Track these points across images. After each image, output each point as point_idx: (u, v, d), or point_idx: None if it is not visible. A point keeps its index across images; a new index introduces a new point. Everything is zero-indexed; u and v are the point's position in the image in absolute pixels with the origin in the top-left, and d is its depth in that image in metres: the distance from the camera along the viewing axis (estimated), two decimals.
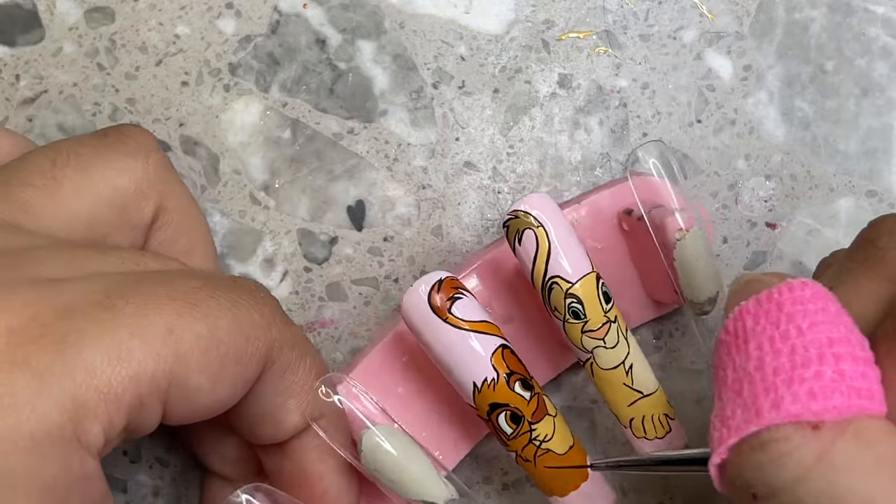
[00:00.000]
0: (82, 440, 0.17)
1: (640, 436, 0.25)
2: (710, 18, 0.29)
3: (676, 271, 0.24)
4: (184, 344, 0.18)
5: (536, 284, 0.23)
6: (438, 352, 0.23)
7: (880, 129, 0.30)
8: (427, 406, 0.26)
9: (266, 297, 0.21)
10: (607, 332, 0.24)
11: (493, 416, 0.23)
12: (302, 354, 0.21)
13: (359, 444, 0.22)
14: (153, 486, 0.29)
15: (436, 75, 0.28)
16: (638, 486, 0.30)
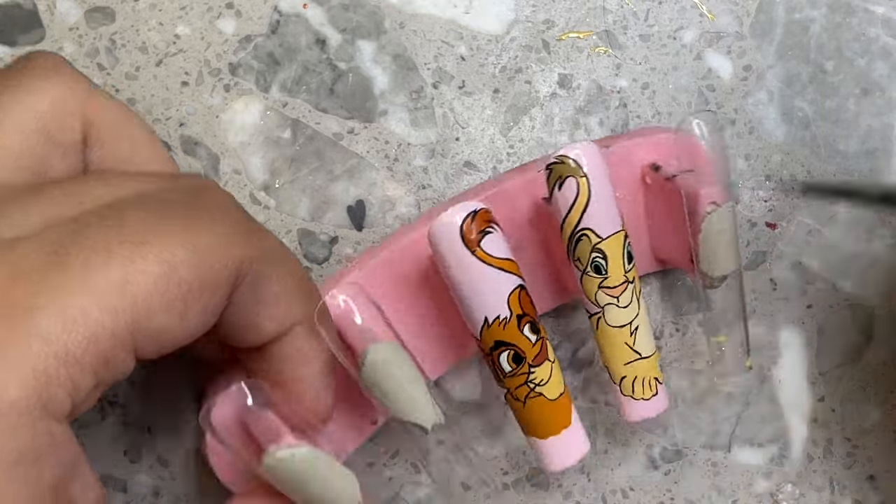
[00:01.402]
0: (49, 408, 0.17)
1: (628, 394, 0.25)
2: (710, 18, 0.29)
3: (698, 242, 0.24)
4: (141, 292, 0.18)
5: (565, 232, 0.24)
6: (458, 281, 0.23)
7: (880, 129, 0.30)
8: (415, 323, 0.26)
9: (223, 208, 0.20)
10: (623, 291, 0.24)
11: (496, 353, 0.24)
12: (273, 263, 0.21)
13: (362, 357, 0.22)
14: (153, 486, 0.29)
15: (436, 75, 0.28)
16: (638, 486, 0.30)
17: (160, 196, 0.20)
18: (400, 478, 0.30)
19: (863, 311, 0.30)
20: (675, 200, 0.25)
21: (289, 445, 0.21)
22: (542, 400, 0.24)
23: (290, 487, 0.21)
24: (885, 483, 0.31)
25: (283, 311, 0.21)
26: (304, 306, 0.22)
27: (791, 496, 0.31)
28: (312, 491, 0.21)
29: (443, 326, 0.26)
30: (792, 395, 0.31)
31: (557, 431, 0.24)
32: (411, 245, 0.25)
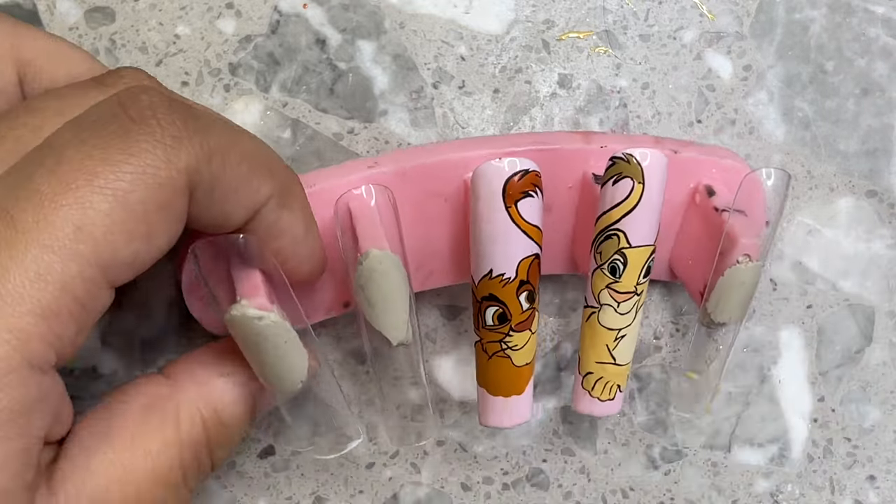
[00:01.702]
0: (33, 363, 0.17)
1: (587, 388, 0.25)
2: (710, 18, 0.29)
3: (716, 282, 0.24)
4: (98, 230, 0.18)
5: (600, 224, 0.24)
6: (482, 225, 0.23)
7: (880, 129, 0.30)
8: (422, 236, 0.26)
9: (157, 108, 0.19)
10: (627, 299, 0.24)
11: (485, 304, 0.24)
12: (224, 154, 0.20)
13: (362, 256, 0.22)
14: None
15: (436, 75, 0.28)
16: (638, 486, 0.30)
17: (91, 118, 0.19)
18: (400, 478, 0.30)
19: (863, 311, 0.30)
20: (713, 231, 0.25)
21: (259, 307, 0.21)
22: (507, 362, 0.24)
23: (246, 346, 0.21)
24: (885, 483, 0.31)
25: (247, 195, 0.21)
26: (268, 184, 0.21)
27: (791, 496, 0.31)
28: (265, 357, 0.21)
29: (448, 249, 0.26)
30: (792, 395, 0.31)
31: (507, 394, 0.25)
32: (450, 164, 0.25)
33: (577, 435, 0.30)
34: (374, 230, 0.23)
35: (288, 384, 0.22)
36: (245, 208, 0.21)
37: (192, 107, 0.20)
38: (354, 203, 0.23)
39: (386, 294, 0.22)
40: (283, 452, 0.29)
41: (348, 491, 0.30)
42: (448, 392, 0.29)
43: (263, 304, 0.21)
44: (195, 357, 0.24)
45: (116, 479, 0.21)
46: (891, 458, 0.31)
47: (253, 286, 0.22)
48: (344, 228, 0.23)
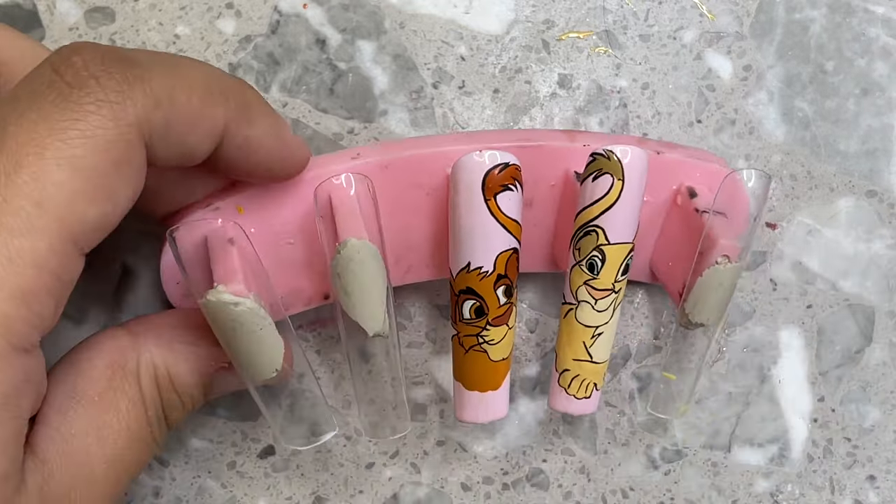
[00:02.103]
0: (16, 345, 0.17)
1: (563, 385, 0.25)
2: (710, 18, 0.29)
3: (694, 283, 0.24)
4: (61, 203, 0.17)
5: (579, 220, 0.24)
6: (460, 218, 0.23)
7: (880, 129, 0.30)
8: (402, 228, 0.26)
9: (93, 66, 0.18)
10: (605, 296, 0.24)
11: (462, 297, 0.24)
12: (170, 93, 0.19)
13: (340, 246, 0.22)
14: (153, 486, 0.29)
15: (436, 75, 0.28)
16: (638, 486, 0.30)
17: (27, 89, 0.18)
18: (400, 478, 0.30)
19: (863, 311, 0.30)
20: (693, 233, 0.25)
21: (236, 293, 0.21)
22: (483, 357, 0.24)
23: (221, 331, 0.21)
24: (884, 483, 0.31)
25: (204, 127, 0.20)
26: (222, 108, 0.20)
27: (791, 496, 0.31)
28: (239, 343, 0.21)
29: (428, 243, 0.26)
30: (792, 395, 0.31)
31: (483, 389, 0.25)
32: (433, 157, 0.25)
33: (577, 435, 0.30)
34: (353, 219, 0.23)
35: (262, 372, 0.22)
36: (207, 138, 0.20)
37: (128, 55, 0.19)
38: (334, 192, 0.23)
39: (363, 284, 0.22)
40: (283, 452, 0.29)
41: (348, 491, 0.30)
42: (448, 392, 0.29)
43: (240, 291, 0.21)
44: (162, 318, 0.24)
45: (95, 439, 0.21)
46: (891, 458, 0.31)
47: (230, 272, 0.21)
48: (323, 216, 0.23)
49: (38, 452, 0.20)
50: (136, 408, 0.22)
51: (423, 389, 0.29)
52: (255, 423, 0.29)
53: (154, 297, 0.28)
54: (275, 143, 0.22)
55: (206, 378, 0.23)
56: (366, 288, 0.22)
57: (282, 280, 0.25)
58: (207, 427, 0.29)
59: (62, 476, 0.20)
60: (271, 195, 0.24)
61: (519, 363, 0.30)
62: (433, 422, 0.30)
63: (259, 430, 0.29)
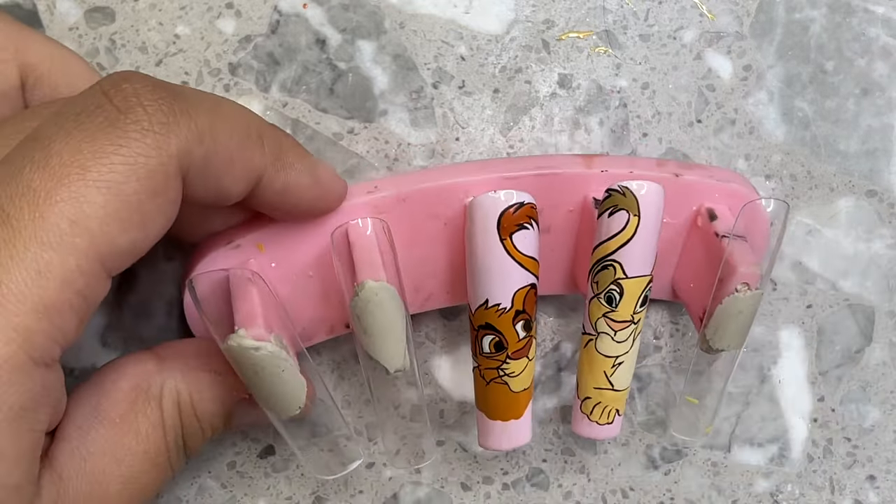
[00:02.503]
0: (36, 358, 0.18)
1: (586, 412, 0.25)
2: (710, 18, 0.29)
3: (714, 309, 0.24)
4: (94, 223, 0.18)
5: (596, 254, 0.24)
6: (477, 257, 0.23)
7: (880, 129, 0.30)
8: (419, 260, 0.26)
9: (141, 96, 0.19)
10: (624, 328, 0.24)
11: (481, 333, 0.24)
12: (213, 133, 0.20)
13: (358, 288, 0.22)
14: None
15: (436, 75, 0.28)
16: (638, 486, 0.30)
17: (76, 110, 0.19)
18: (400, 478, 0.30)
19: (863, 311, 0.30)
20: (714, 256, 0.25)
21: (256, 337, 0.21)
22: (504, 389, 0.24)
23: (243, 373, 0.22)
24: (884, 483, 0.31)
25: (242, 168, 0.20)
26: (260, 152, 0.21)
27: (791, 496, 0.31)
28: (262, 384, 0.22)
29: (447, 271, 0.26)
30: (792, 395, 0.31)
31: (505, 419, 0.25)
32: (449, 189, 0.25)
33: (577, 435, 0.30)
34: (371, 259, 0.23)
35: (285, 410, 0.22)
36: (243, 180, 0.21)
37: (176, 89, 0.20)
38: (351, 233, 0.23)
39: (382, 324, 0.23)
40: (283, 452, 0.29)
41: (348, 491, 0.30)
42: (448, 392, 0.29)
43: (260, 335, 0.21)
44: (189, 344, 0.24)
45: (112, 459, 0.21)
46: (891, 458, 0.31)
47: (250, 315, 0.22)
48: (341, 257, 0.23)
49: (55, 467, 0.20)
50: (155, 432, 0.22)
51: (423, 390, 0.29)
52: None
53: (154, 297, 0.28)
54: (311, 184, 0.22)
55: (229, 407, 0.24)
56: (385, 328, 0.23)
57: (304, 310, 0.25)
58: None
59: (76, 493, 0.20)
60: (290, 231, 0.24)
61: None
62: (433, 422, 0.30)
63: (259, 430, 0.29)
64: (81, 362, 0.28)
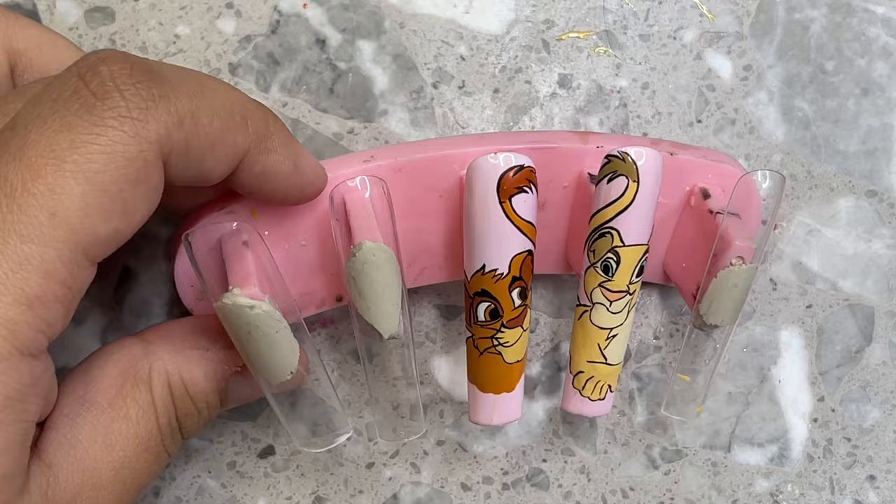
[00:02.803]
0: (22, 349, 0.18)
1: (577, 387, 0.25)
2: (710, 18, 0.29)
3: (709, 284, 0.24)
4: (74, 215, 0.17)
5: (594, 222, 0.24)
6: (475, 221, 0.23)
7: (880, 129, 0.30)
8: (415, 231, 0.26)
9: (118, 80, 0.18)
10: (619, 298, 0.24)
11: (477, 300, 0.24)
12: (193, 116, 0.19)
13: (355, 248, 0.22)
14: (153, 486, 0.29)
15: (436, 75, 0.28)
16: (638, 486, 0.30)
17: (52, 96, 0.18)
18: (400, 478, 0.30)
19: (863, 310, 0.30)
20: (707, 234, 0.25)
21: (251, 297, 0.21)
22: (498, 359, 0.24)
23: (236, 334, 0.21)
24: (884, 483, 0.31)
25: (224, 150, 0.20)
26: (243, 134, 0.20)
27: (791, 496, 0.31)
28: (254, 346, 0.21)
29: (441, 245, 0.26)
30: (792, 395, 0.31)
31: (497, 392, 0.25)
32: (446, 160, 0.25)
33: (577, 435, 0.30)
34: (368, 222, 0.23)
35: (277, 375, 0.22)
36: (224, 163, 0.20)
37: (156, 70, 0.19)
38: (349, 194, 0.23)
39: (378, 286, 0.22)
40: (283, 452, 0.29)
41: (348, 491, 0.30)
42: (448, 392, 0.29)
43: (255, 294, 0.21)
44: (175, 325, 0.24)
45: (103, 446, 0.21)
46: (891, 458, 0.31)
47: (245, 275, 0.21)
48: (338, 219, 0.23)
49: (44, 457, 0.20)
50: (146, 416, 0.22)
51: (423, 389, 0.29)
52: (254, 423, 0.29)
53: (154, 297, 0.28)
54: (290, 172, 0.22)
55: (222, 383, 0.23)
56: (380, 290, 0.22)
57: (294, 282, 0.25)
58: (207, 427, 0.29)
59: (68, 481, 0.20)
60: None
61: None
62: (433, 422, 0.30)
63: (259, 429, 0.29)
64: None
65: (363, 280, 0.22)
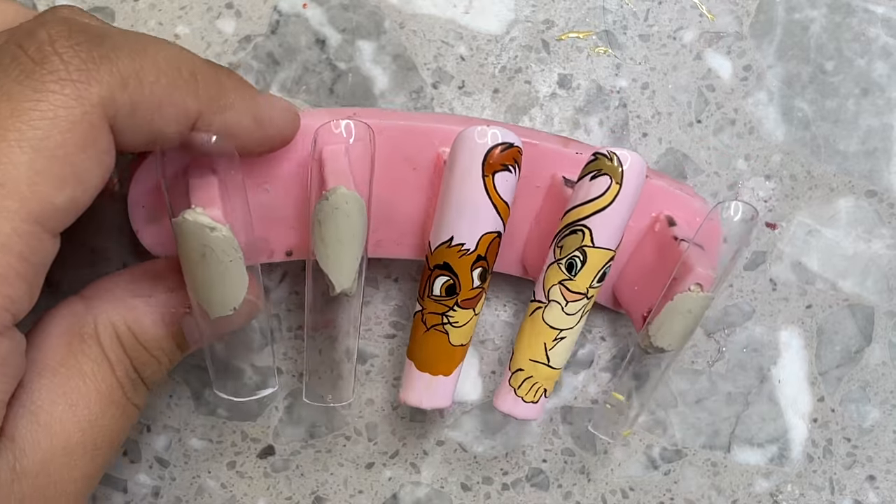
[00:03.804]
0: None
1: (514, 385, 0.25)
2: (709, 18, 0.29)
3: (662, 307, 0.24)
4: (21, 185, 0.17)
5: (568, 217, 0.23)
6: (452, 192, 0.23)
7: (880, 129, 0.30)
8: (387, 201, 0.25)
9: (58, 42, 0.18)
10: (577, 300, 0.24)
11: (435, 273, 0.23)
12: (138, 76, 0.18)
13: (329, 192, 0.21)
14: (153, 486, 0.29)
15: (436, 75, 0.28)
16: (638, 486, 0.30)
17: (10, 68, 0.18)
18: (400, 478, 0.30)
19: (862, 311, 0.30)
20: (667, 259, 0.25)
21: (214, 218, 0.20)
22: (443, 339, 0.24)
23: (188, 255, 0.21)
24: (884, 483, 0.31)
25: (173, 110, 0.19)
26: (193, 95, 0.20)
27: (791, 496, 0.31)
28: (204, 272, 0.21)
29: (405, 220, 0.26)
30: (792, 395, 0.31)
31: (434, 372, 0.25)
32: (428, 132, 0.25)
33: (577, 435, 0.30)
34: (344, 170, 0.22)
35: (221, 306, 0.21)
36: (175, 122, 0.20)
37: (97, 31, 0.19)
38: (331, 138, 0.22)
39: (342, 235, 0.22)
40: (283, 452, 0.29)
41: (348, 491, 0.30)
42: None
43: (217, 217, 0.20)
44: (113, 277, 0.23)
45: (65, 406, 0.20)
46: (891, 458, 0.31)
47: (209, 198, 0.21)
48: (316, 159, 0.22)
49: (5, 432, 0.19)
50: (101, 370, 0.21)
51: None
52: (255, 423, 0.29)
53: None
54: (252, 126, 0.21)
55: (174, 328, 0.23)
56: (344, 240, 0.22)
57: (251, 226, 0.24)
58: (207, 427, 0.29)
59: (35, 451, 0.20)
60: None
61: None
62: (433, 422, 0.30)
63: (259, 430, 0.29)
64: None
65: (329, 226, 0.22)
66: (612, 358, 0.30)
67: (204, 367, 0.29)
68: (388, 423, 0.30)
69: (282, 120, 0.22)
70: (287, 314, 0.29)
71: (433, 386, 0.25)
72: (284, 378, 0.29)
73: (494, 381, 0.30)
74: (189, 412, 0.29)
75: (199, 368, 0.29)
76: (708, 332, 0.30)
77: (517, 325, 0.29)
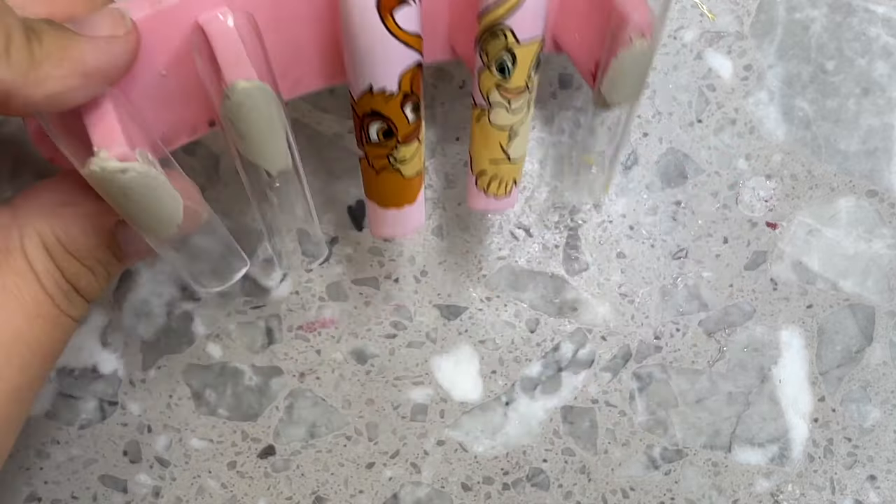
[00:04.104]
0: None
1: (481, 188, 0.24)
2: (710, 18, 0.29)
3: (609, 64, 0.23)
4: None
5: (484, 21, 0.22)
6: (355, 40, 0.21)
7: (880, 129, 0.30)
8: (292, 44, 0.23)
9: None
10: (518, 96, 0.23)
11: (367, 121, 0.22)
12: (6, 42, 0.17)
13: (228, 90, 0.20)
14: (153, 486, 0.29)
15: (436, 75, 0.28)
16: (638, 486, 0.30)
17: None
18: (400, 478, 0.30)
19: (863, 311, 0.30)
20: (602, 10, 0.23)
21: (121, 157, 0.19)
22: (396, 176, 0.23)
23: (112, 198, 0.20)
24: (885, 483, 0.31)
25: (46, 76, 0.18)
26: (6, 68, 0.17)
27: (791, 496, 0.31)
28: (133, 207, 0.20)
29: (315, 51, 0.24)
30: (792, 395, 0.30)
31: (400, 206, 0.24)
32: None
33: (577, 435, 0.30)
34: (238, 57, 0.21)
35: (162, 230, 0.21)
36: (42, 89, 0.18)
37: None
38: (211, 27, 0.21)
39: (259, 127, 0.21)
40: (283, 452, 0.29)
41: (348, 491, 0.30)
42: (448, 392, 0.29)
43: (125, 153, 0.19)
44: (42, 185, 0.22)
45: None
46: (891, 458, 0.31)
47: (109, 132, 0.20)
48: (202, 55, 0.21)
49: None
50: (26, 283, 0.21)
51: (423, 389, 0.29)
52: (255, 423, 0.29)
53: (154, 297, 0.28)
54: (82, 83, 0.19)
55: (106, 237, 0.22)
56: (263, 130, 0.21)
57: (160, 114, 0.23)
58: (207, 427, 0.29)
59: None
60: None
61: (519, 363, 0.30)
62: (433, 422, 0.30)
63: (259, 429, 0.29)
64: (81, 362, 0.28)
65: (242, 124, 0.21)
66: (612, 358, 0.30)
67: (204, 366, 0.29)
68: (388, 423, 0.30)
69: (110, 51, 0.20)
70: (287, 314, 0.29)
71: (401, 217, 0.24)
72: (285, 378, 0.29)
73: (494, 381, 0.30)
74: (189, 412, 0.29)
75: (200, 368, 0.29)
76: (708, 331, 0.30)
77: (517, 324, 0.29)
